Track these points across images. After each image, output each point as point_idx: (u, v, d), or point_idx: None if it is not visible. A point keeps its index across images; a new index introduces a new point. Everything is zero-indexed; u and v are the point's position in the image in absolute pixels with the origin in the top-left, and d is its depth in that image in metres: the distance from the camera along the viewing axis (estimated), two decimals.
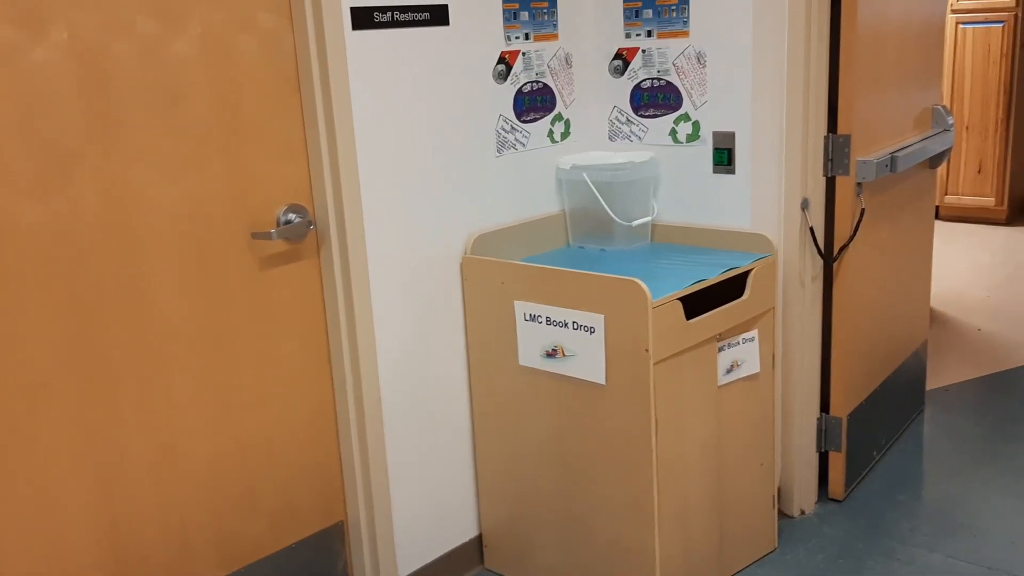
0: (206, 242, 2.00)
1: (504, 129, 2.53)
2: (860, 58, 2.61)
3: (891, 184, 2.95)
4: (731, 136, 2.53)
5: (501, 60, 2.48)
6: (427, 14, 2.28)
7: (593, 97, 2.77)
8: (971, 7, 5.83)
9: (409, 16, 2.24)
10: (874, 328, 3.00)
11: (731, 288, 2.43)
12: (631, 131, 2.72)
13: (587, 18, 2.71)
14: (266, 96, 2.06)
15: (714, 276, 2.31)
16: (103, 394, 1.88)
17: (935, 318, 4.49)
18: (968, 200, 6.13)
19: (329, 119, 2.12)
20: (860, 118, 2.65)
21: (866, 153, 2.71)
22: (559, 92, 2.67)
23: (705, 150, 2.58)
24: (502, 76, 2.50)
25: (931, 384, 3.76)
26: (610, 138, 2.78)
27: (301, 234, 2.14)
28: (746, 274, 2.40)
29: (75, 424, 1.84)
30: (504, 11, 2.47)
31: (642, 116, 2.68)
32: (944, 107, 3.27)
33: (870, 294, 2.93)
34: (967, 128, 6.02)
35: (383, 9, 2.18)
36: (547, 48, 2.61)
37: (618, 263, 2.49)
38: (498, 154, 2.53)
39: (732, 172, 2.54)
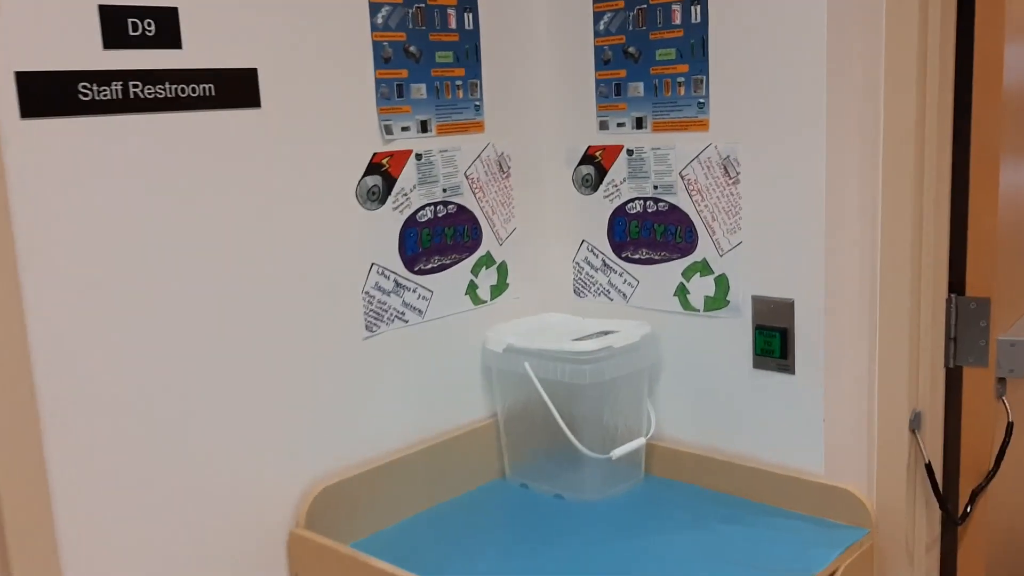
0: None
1: (381, 288, 1.42)
2: (1003, 162, 1.51)
3: None
4: (787, 308, 1.41)
5: (375, 168, 1.40)
6: (210, 87, 1.20)
7: (547, 226, 1.68)
8: None
9: (169, 90, 1.16)
10: None
11: None
12: (610, 284, 1.62)
13: (534, 95, 1.63)
14: None
15: None
16: None
17: None
18: None
19: None
20: (1004, 268, 1.55)
21: (1007, 325, 1.60)
22: (487, 219, 1.58)
23: (739, 327, 1.47)
24: (376, 196, 1.41)
25: None
26: (576, 292, 1.68)
27: None
28: None
29: None
30: (378, 81, 1.39)
31: (629, 260, 1.59)
32: None
33: (1003, 556, 1.78)
34: None
35: (103, 76, 1.10)
36: (465, 145, 1.52)
37: (585, 538, 1.36)
38: (369, 332, 1.42)
39: (788, 370, 1.42)
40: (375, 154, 1.39)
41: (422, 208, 1.47)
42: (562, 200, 1.65)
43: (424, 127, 1.46)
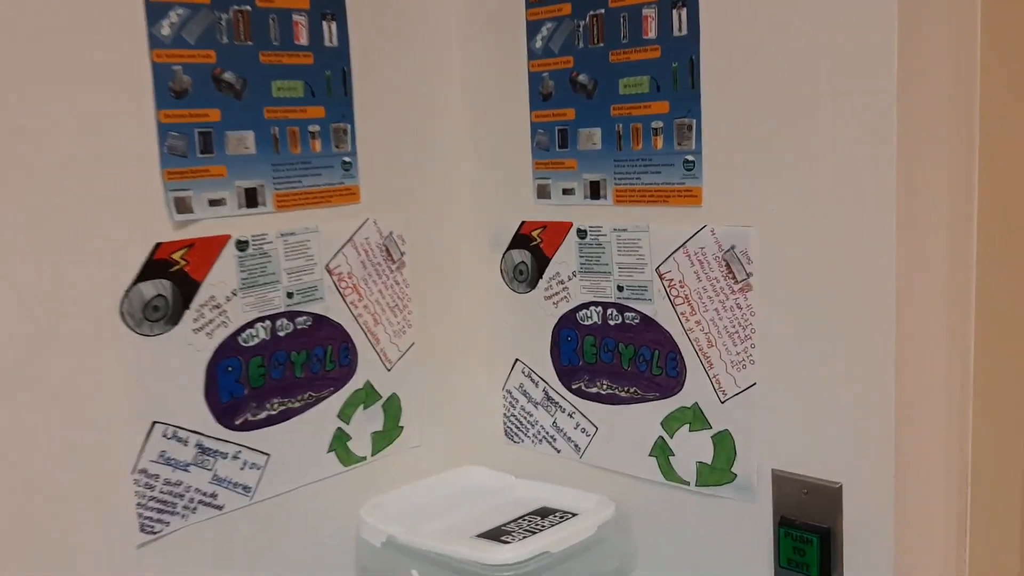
0: None
1: (170, 460, 0.88)
2: None
3: None
4: (830, 496, 0.87)
5: (159, 268, 0.86)
6: None
7: (462, 339, 1.13)
8: None
9: None
10: None
11: None
12: (556, 427, 1.08)
13: (439, 147, 1.10)
14: None
15: None
16: None
17: None
18: None
19: None
20: None
21: None
22: (367, 333, 1.04)
23: (751, 517, 0.93)
24: (162, 312, 0.87)
25: None
26: (509, 436, 1.14)
27: None
28: None
29: None
30: (164, 128, 0.86)
31: (583, 395, 1.05)
32: None
33: None
34: None
35: None
36: (326, 224, 0.99)
37: None
38: (148, 534, 0.88)
39: None
40: (159, 245, 0.86)
41: (250, 325, 0.93)
42: (485, 301, 1.11)
43: (251, 198, 0.92)
